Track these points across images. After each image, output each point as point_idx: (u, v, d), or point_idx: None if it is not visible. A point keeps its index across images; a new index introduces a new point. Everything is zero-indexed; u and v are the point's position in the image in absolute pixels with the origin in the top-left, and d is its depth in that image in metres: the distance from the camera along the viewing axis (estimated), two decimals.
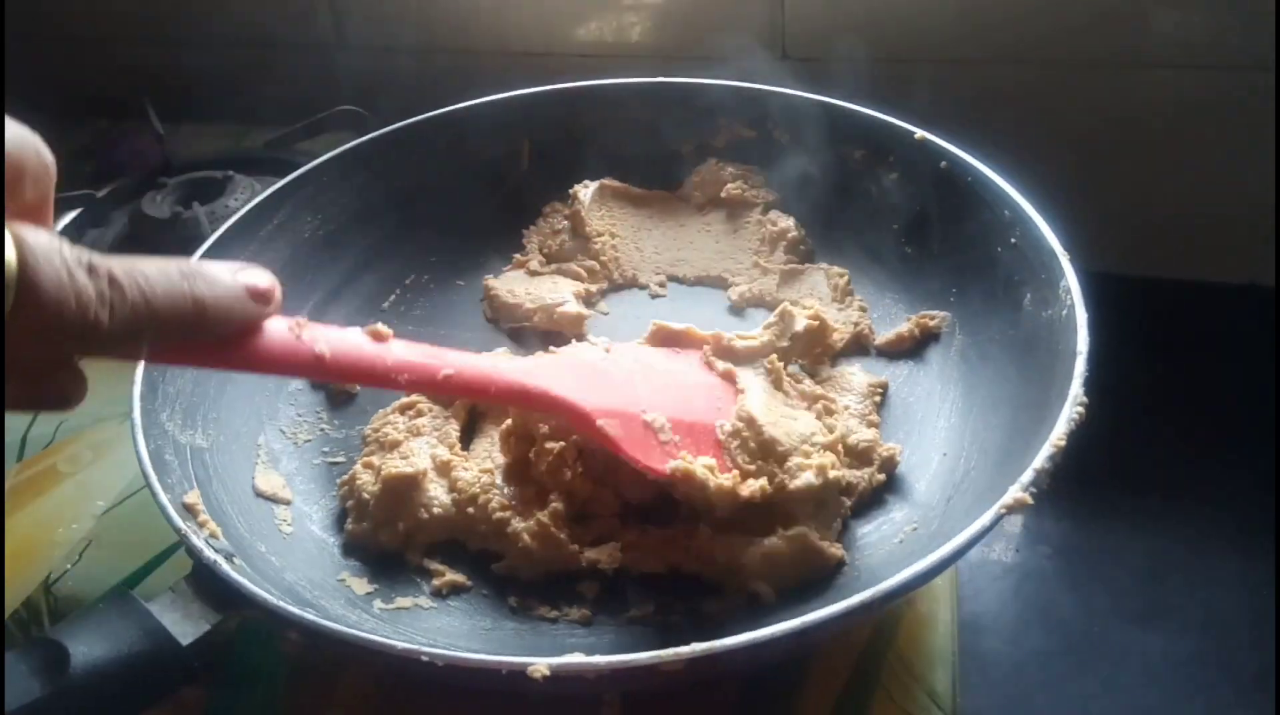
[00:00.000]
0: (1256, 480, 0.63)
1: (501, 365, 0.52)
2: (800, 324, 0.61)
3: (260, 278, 0.38)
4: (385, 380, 0.44)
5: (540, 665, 0.38)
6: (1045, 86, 0.82)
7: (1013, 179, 0.64)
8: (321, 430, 0.64)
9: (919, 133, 0.70)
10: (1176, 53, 0.77)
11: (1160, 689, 0.54)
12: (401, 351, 0.45)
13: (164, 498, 0.48)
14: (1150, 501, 0.64)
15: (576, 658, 0.39)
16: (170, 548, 0.60)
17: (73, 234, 0.91)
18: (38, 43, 1.12)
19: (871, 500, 0.56)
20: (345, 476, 0.58)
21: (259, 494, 0.57)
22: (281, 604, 0.42)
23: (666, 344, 0.61)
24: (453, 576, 0.53)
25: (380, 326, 0.45)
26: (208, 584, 0.44)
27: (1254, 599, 0.58)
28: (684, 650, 0.38)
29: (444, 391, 0.50)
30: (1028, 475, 0.45)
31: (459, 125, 0.78)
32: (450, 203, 0.79)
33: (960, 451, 0.57)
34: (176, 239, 0.84)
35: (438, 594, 0.53)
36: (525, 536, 0.53)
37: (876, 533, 0.54)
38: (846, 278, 0.71)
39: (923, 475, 0.57)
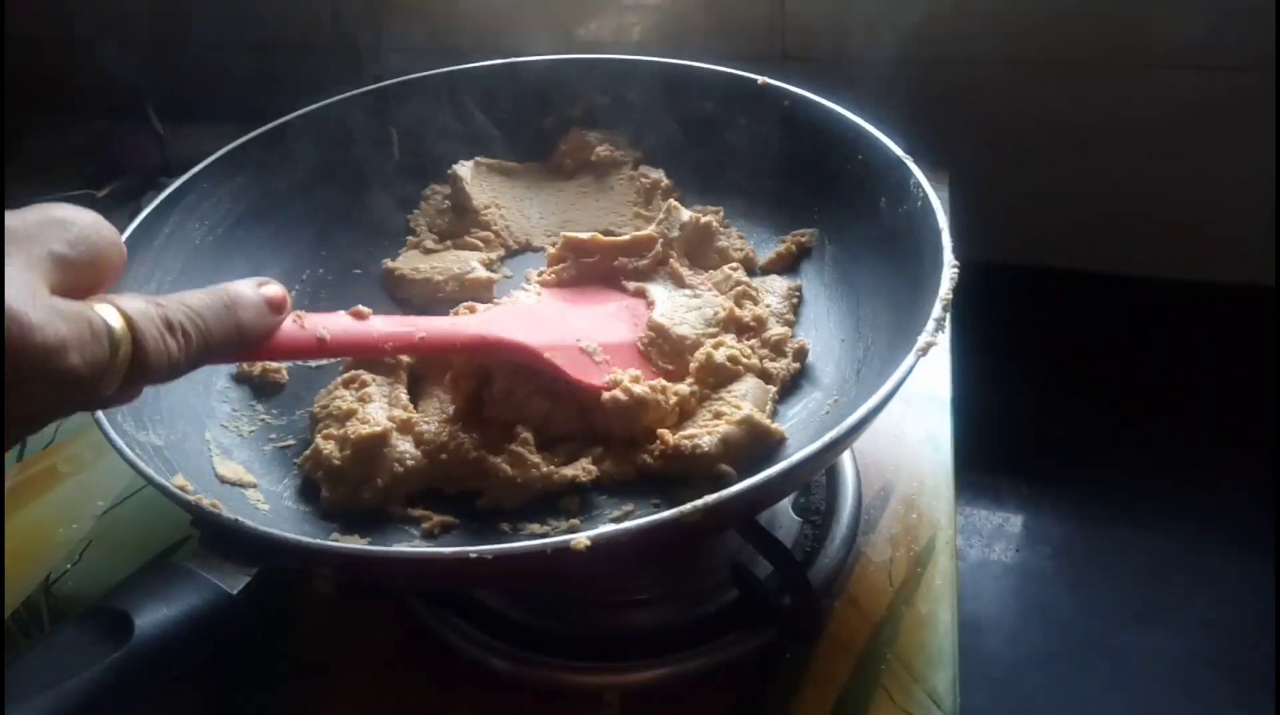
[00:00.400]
0: (1257, 481, 0.64)
1: (460, 322, 0.60)
2: (685, 216, 0.72)
3: (276, 291, 0.45)
4: (375, 349, 0.53)
5: (581, 538, 0.43)
6: (1045, 86, 0.82)
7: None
8: (261, 420, 0.65)
9: (760, 79, 0.79)
10: (1176, 53, 0.77)
11: (1160, 689, 0.56)
12: (382, 324, 0.53)
13: (160, 479, 0.48)
14: (1150, 502, 0.65)
15: (609, 526, 0.44)
16: (170, 548, 0.61)
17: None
18: (38, 43, 1.10)
19: (792, 387, 0.64)
20: (306, 453, 0.60)
21: (224, 481, 0.58)
22: (318, 541, 0.44)
23: (576, 252, 0.71)
24: (440, 517, 0.57)
25: (361, 308, 0.53)
26: (231, 544, 0.45)
27: (1254, 599, 0.59)
28: (699, 502, 0.44)
29: (421, 351, 0.59)
30: (930, 324, 0.54)
31: (325, 121, 0.80)
32: (331, 196, 0.81)
33: (856, 335, 0.66)
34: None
35: (429, 535, 0.56)
36: (505, 468, 0.57)
37: (804, 411, 0.62)
38: (720, 213, 0.79)
39: (829, 360, 0.66)
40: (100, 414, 0.53)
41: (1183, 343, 0.74)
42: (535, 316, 0.63)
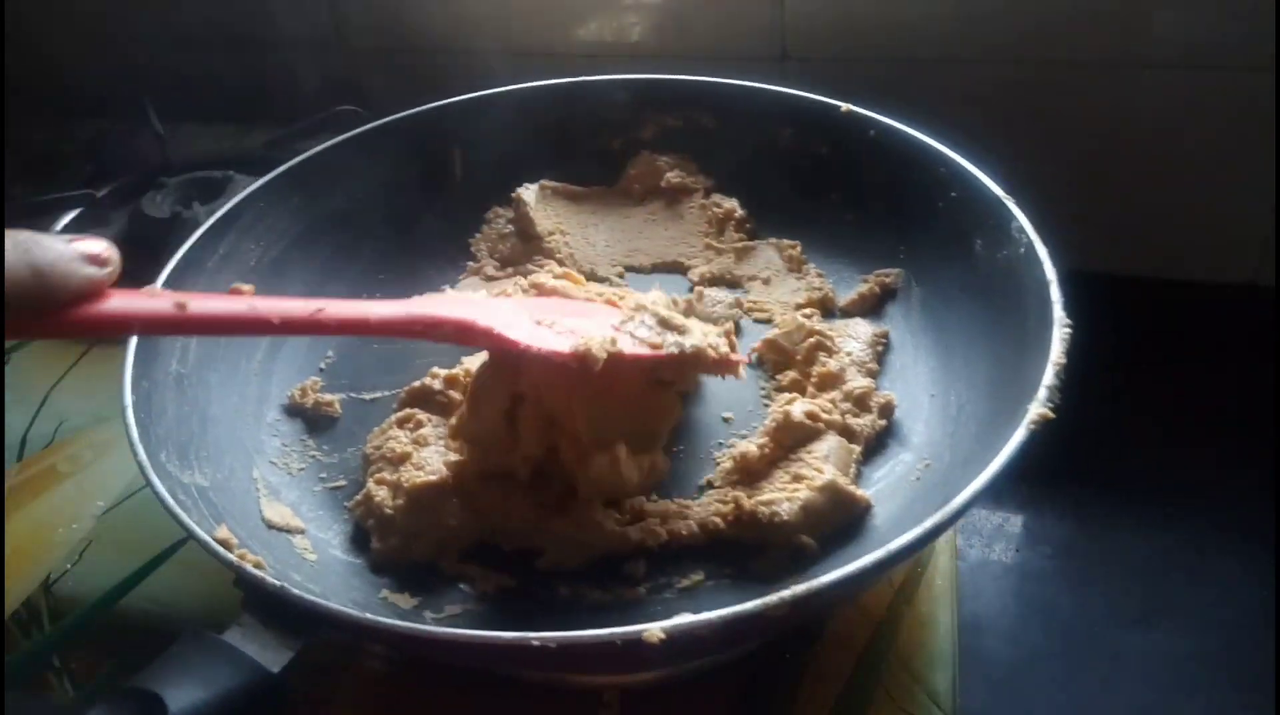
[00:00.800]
0: (1256, 480, 0.63)
1: (377, 304, 0.49)
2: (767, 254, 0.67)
3: (95, 244, 0.39)
4: (259, 323, 0.43)
5: (654, 629, 0.39)
6: (1044, 86, 0.81)
7: (961, 149, 0.66)
8: (312, 457, 0.62)
9: (845, 106, 0.74)
10: (1176, 53, 0.76)
11: (1160, 689, 0.54)
12: (267, 301, 0.44)
13: (202, 534, 0.45)
14: (1150, 502, 0.64)
15: (686, 617, 0.40)
16: (170, 548, 0.60)
17: (73, 233, 0.86)
18: (38, 43, 1.09)
19: (876, 446, 0.59)
20: (357, 498, 0.57)
21: (271, 526, 0.55)
22: (368, 616, 0.41)
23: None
24: (497, 578, 0.53)
25: (240, 285, 0.47)
26: (277, 611, 0.42)
27: (1254, 599, 0.58)
28: (786, 594, 0.40)
29: (321, 329, 0.46)
30: (1042, 392, 0.49)
31: (385, 141, 0.77)
32: (389, 219, 0.78)
33: (948, 390, 0.61)
34: (176, 239, 0.80)
35: (485, 598, 0.52)
36: (567, 528, 0.53)
37: (891, 474, 0.58)
38: (798, 248, 0.74)
39: (918, 417, 0.61)
40: (143, 453, 0.50)
41: (1182, 343, 0.73)
42: (481, 305, 0.53)
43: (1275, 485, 0.62)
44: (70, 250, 0.38)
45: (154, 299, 0.40)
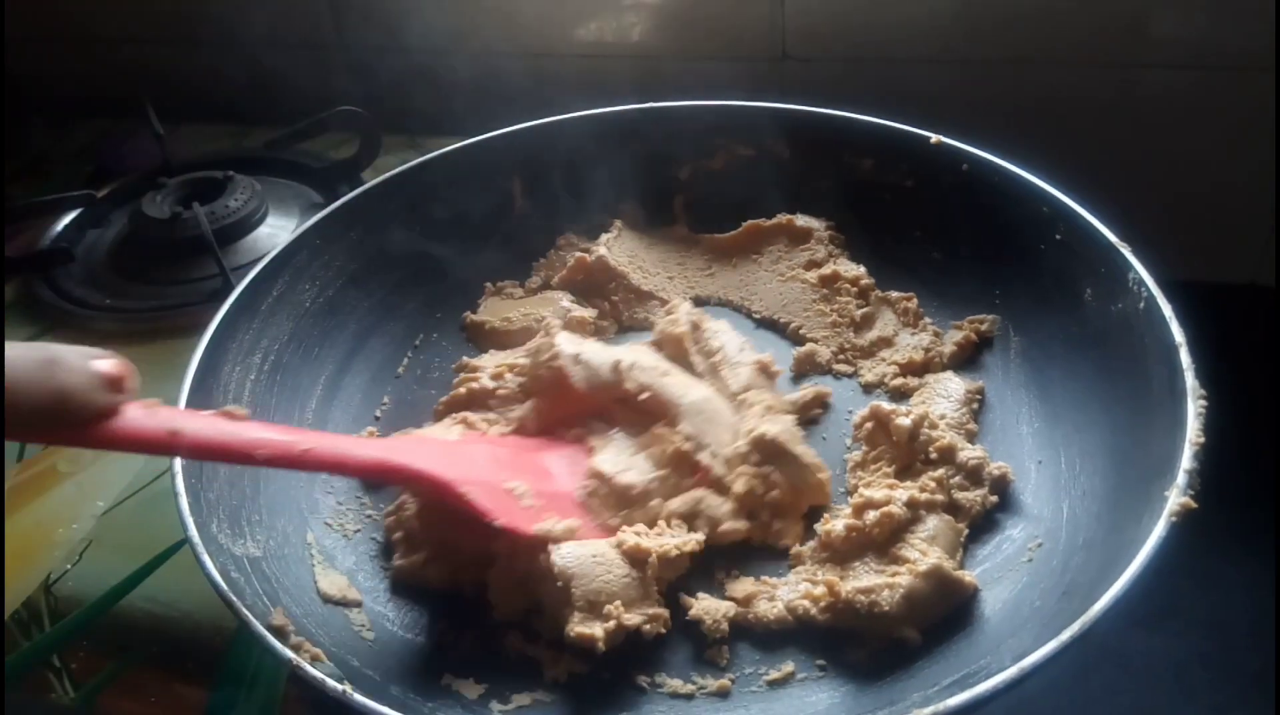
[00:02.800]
0: (1257, 480, 0.63)
1: (360, 444, 0.54)
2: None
3: (112, 364, 0.39)
4: (244, 455, 0.44)
5: None
6: (1044, 86, 0.82)
7: (1043, 175, 0.64)
8: (368, 517, 0.59)
9: (934, 137, 0.69)
10: (1176, 53, 0.77)
11: (1160, 689, 0.54)
12: (258, 429, 0.45)
13: (258, 625, 0.42)
14: None
15: None
16: (171, 548, 0.59)
17: (73, 234, 0.89)
18: (38, 43, 1.10)
19: (982, 522, 0.54)
20: (389, 508, 0.56)
21: (326, 599, 0.51)
22: None
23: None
24: (567, 664, 0.49)
25: (232, 408, 0.45)
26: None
27: (1254, 599, 0.57)
28: (925, 711, 0.36)
29: (303, 466, 0.48)
30: (1181, 477, 0.44)
31: (443, 173, 0.74)
32: (448, 252, 0.74)
33: (1057, 457, 0.56)
34: (176, 239, 0.84)
35: (555, 684, 0.48)
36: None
37: (998, 553, 0.53)
38: (914, 300, 0.68)
39: (1024, 486, 0.56)
40: (191, 523, 0.46)
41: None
42: (454, 451, 0.55)
43: (1275, 486, 0.61)
44: (93, 377, 0.38)
45: (153, 420, 0.41)
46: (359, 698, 0.38)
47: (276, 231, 0.88)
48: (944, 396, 0.59)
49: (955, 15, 0.81)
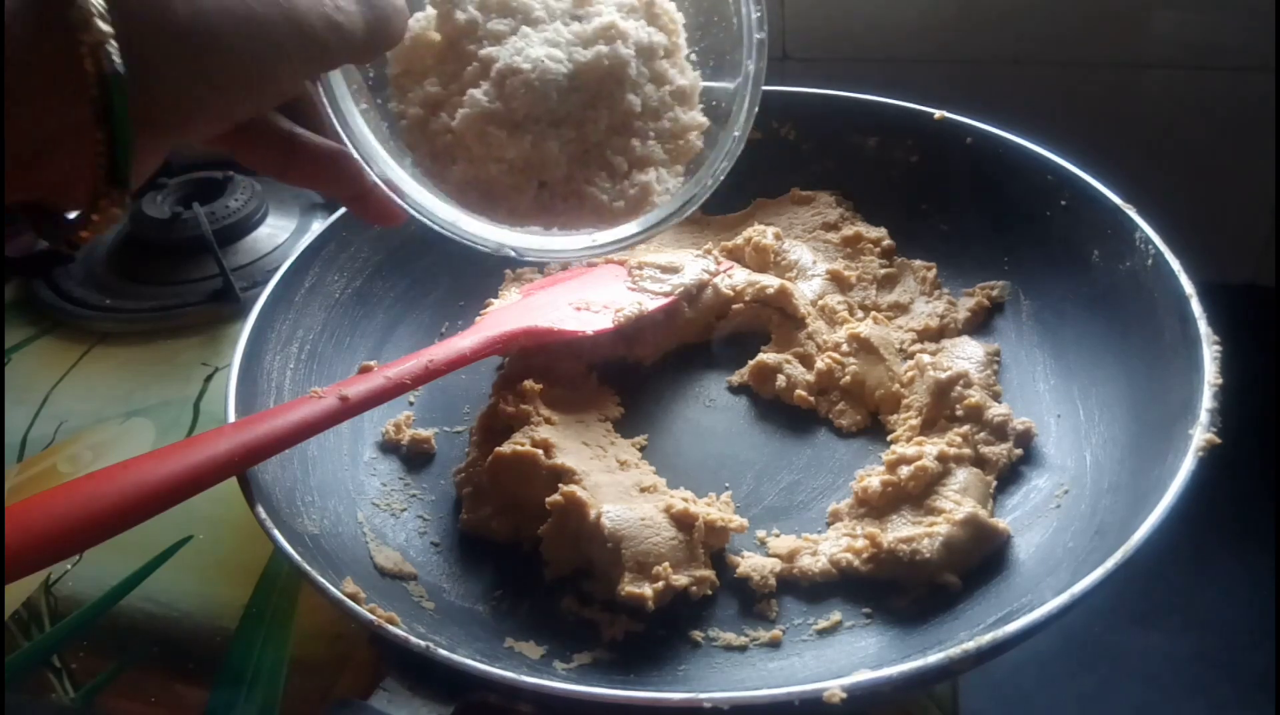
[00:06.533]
0: (1256, 480, 0.63)
1: (461, 338, 0.58)
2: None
3: None
4: (397, 389, 0.52)
5: (835, 688, 0.37)
6: (1045, 87, 0.82)
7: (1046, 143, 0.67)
8: (413, 496, 0.60)
9: (938, 113, 0.72)
10: (1176, 53, 0.77)
11: (1160, 689, 0.55)
12: (390, 369, 0.53)
13: (336, 592, 0.43)
14: None
15: (864, 674, 0.37)
16: (171, 548, 0.60)
17: (72, 233, 0.87)
18: None
19: (1008, 475, 0.57)
20: (459, 466, 0.59)
21: (384, 572, 0.53)
22: (523, 677, 0.39)
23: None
24: (623, 622, 0.50)
25: (366, 362, 0.62)
26: (422, 675, 0.40)
27: (1254, 599, 0.58)
28: (970, 646, 0.38)
29: (435, 375, 0.55)
30: (1204, 416, 0.46)
31: None
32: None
33: (1075, 409, 0.58)
34: (176, 239, 0.84)
35: (614, 643, 0.50)
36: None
37: (1026, 502, 0.55)
38: (934, 270, 0.70)
39: (1046, 439, 0.58)
40: (263, 511, 0.48)
41: None
42: (528, 305, 0.65)
43: (1275, 485, 0.61)
44: None
45: (326, 404, 0.49)
46: (444, 653, 0.40)
47: (276, 232, 0.89)
48: (965, 358, 0.61)
49: (955, 15, 0.81)
